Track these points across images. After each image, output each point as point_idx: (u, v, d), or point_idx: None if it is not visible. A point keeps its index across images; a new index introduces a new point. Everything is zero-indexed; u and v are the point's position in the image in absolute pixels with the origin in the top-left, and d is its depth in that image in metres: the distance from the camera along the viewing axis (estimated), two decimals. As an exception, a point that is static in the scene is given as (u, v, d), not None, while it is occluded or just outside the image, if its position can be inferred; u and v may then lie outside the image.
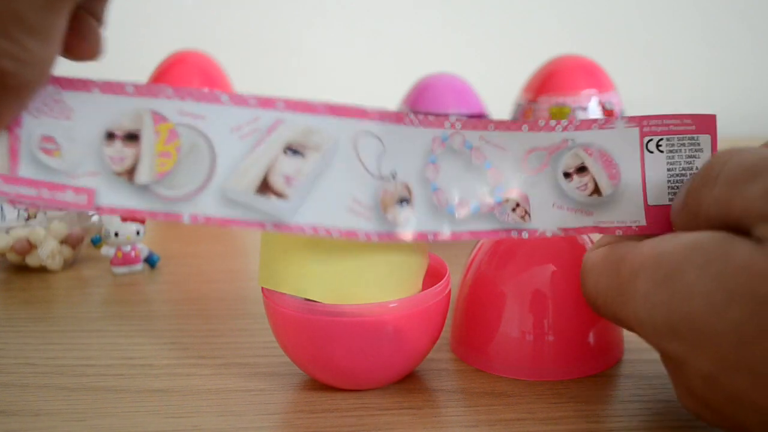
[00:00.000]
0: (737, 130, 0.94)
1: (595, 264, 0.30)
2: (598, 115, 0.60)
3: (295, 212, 0.29)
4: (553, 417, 0.30)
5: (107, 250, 0.49)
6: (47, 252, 0.48)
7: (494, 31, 0.96)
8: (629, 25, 0.96)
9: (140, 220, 0.49)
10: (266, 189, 0.29)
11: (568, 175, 0.31)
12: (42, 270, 0.50)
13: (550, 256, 0.33)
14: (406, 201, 0.31)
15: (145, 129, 0.29)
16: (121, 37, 0.88)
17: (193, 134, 0.29)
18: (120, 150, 0.29)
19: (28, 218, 0.51)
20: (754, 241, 0.24)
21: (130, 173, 0.29)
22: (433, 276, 0.34)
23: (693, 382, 0.26)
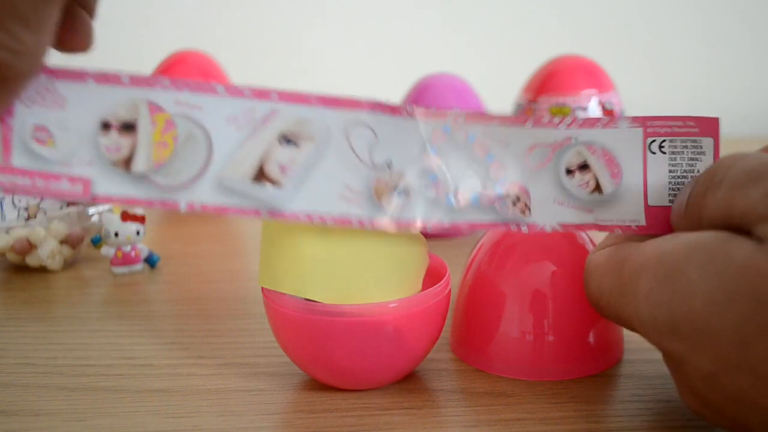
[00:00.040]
0: (737, 130, 0.94)
1: (598, 265, 0.30)
2: (598, 115, 0.60)
3: (289, 200, 0.30)
4: (553, 417, 0.30)
5: (107, 250, 0.49)
6: (47, 252, 0.48)
7: (494, 31, 0.96)
8: (629, 25, 0.96)
9: (140, 219, 0.49)
10: (262, 177, 0.29)
11: (570, 171, 0.31)
12: (42, 270, 0.50)
13: (550, 256, 0.33)
14: (403, 190, 0.31)
15: (142, 119, 0.29)
16: (121, 37, 0.88)
17: (189, 124, 0.29)
18: (116, 140, 0.29)
19: (28, 218, 0.51)
20: (755, 240, 0.24)
21: (127, 163, 0.29)
22: (433, 276, 0.34)
23: (694, 381, 0.26)
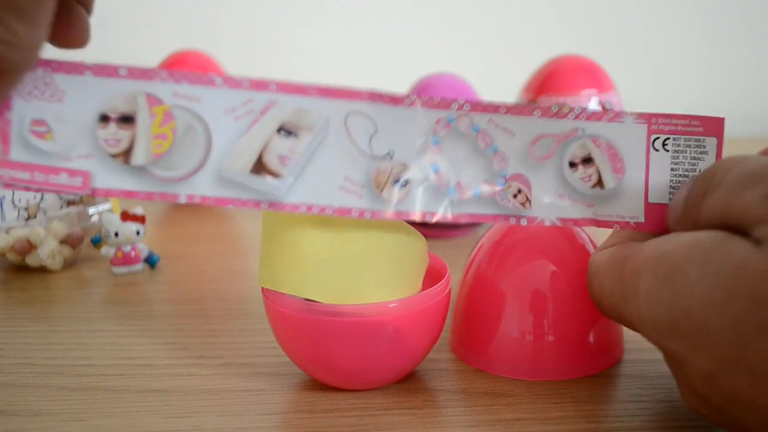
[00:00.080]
0: (737, 130, 0.94)
1: (600, 265, 0.30)
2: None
3: (289, 191, 0.30)
4: (553, 417, 0.30)
5: (107, 250, 0.49)
6: (47, 252, 0.48)
7: (494, 31, 0.96)
8: (629, 25, 0.96)
9: (140, 219, 0.49)
10: (261, 169, 0.29)
11: (573, 164, 0.31)
12: (42, 270, 0.50)
13: (550, 256, 0.33)
14: (404, 181, 0.31)
15: (141, 111, 0.29)
16: (121, 37, 0.88)
17: (188, 116, 0.29)
18: (115, 132, 0.29)
19: (28, 218, 0.51)
20: (753, 241, 0.24)
21: (126, 155, 0.29)
22: (433, 276, 0.34)
23: (694, 381, 0.26)
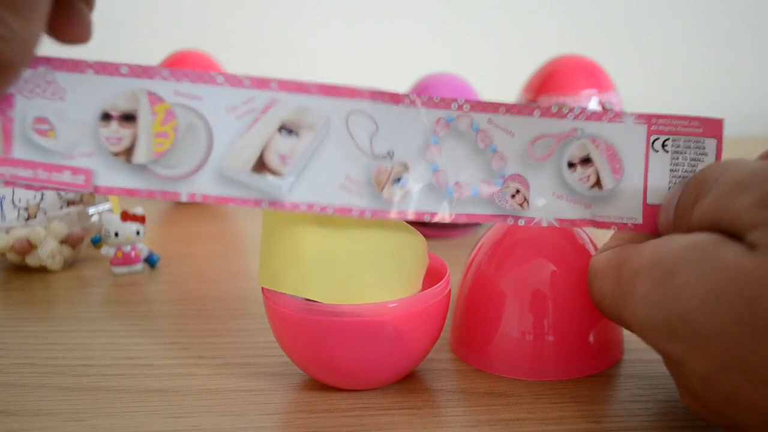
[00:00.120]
0: (737, 130, 0.94)
1: (600, 268, 0.30)
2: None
3: (290, 190, 0.30)
4: (553, 417, 0.30)
5: (107, 250, 0.49)
6: (47, 252, 0.48)
7: (494, 31, 0.96)
8: (629, 25, 0.96)
9: (140, 219, 0.49)
10: (262, 167, 0.29)
11: (572, 165, 0.31)
12: (42, 270, 0.50)
13: (551, 256, 0.33)
14: (404, 180, 0.31)
15: (142, 109, 0.29)
16: (121, 37, 0.88)
17: (189, 114, 0.29)
18: (116, 130, 0.29)
19: (28, 218, 0.51)
20: (746, 245, 0.24)
21: (127, 153, 0.29)
22: (433, 276, 0.34)
23: (692, 383, 0.26)
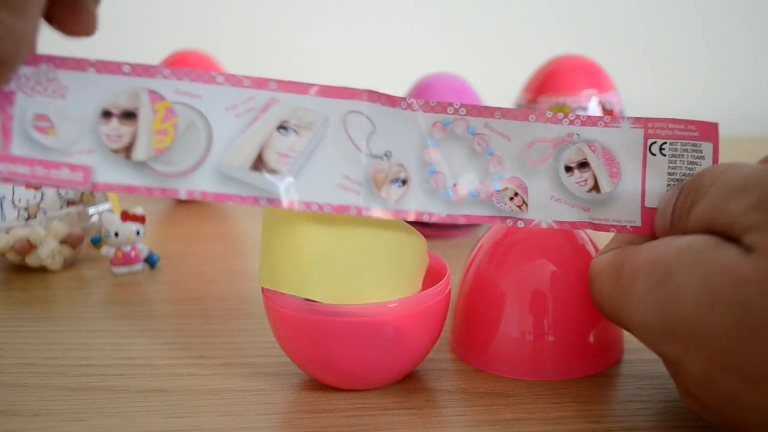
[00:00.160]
0: (737, 130, 0.94)
1: (600, 269, 0.30)
2: (600, 114, 0.60)
3: (288, 188, 0.30)
4: (553, 417, 0.30)
5: (107, 250, 0.49)
6: (47, 252, 0.48)
7: (494, 31, 0.96)
8: (629, 25, 0.96)
9: (140, 219, 0.49)
10: (261, 165, 0.30)
11: (569, 169, 0.31)
12: (42, 270, 0.50)
13: (550, 256, 0.33)
14: (402, 181, 0.31)
15: (143, 107, 0.29)
16: (121, 37, 0.88)
17: (190, 112, 0.29)
18: (116, 128, 0.29)
19: (28, 218, 0.51)
20: (743, 248, 0.24)
21: (127, 150, 0.29)
22: (433, 276, 0.34)
23: (690, 384, 0.26)
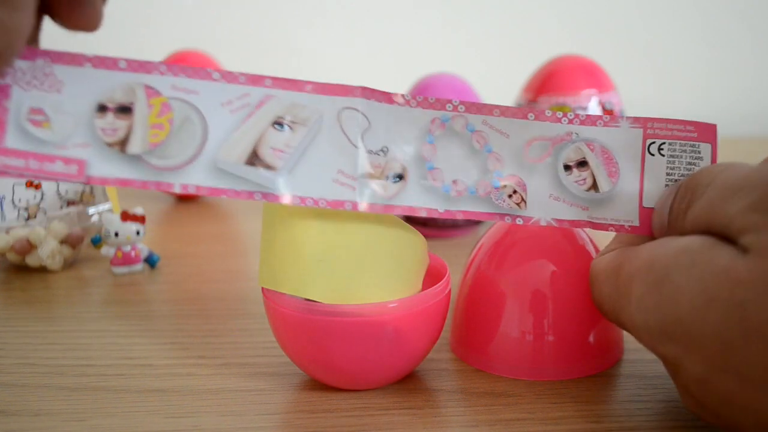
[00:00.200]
0: (737, 130, 0.94)
1: (600, 270, 0.30)
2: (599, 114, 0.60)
3: (283, 183, 0.30)
4: (553, 417, 0.30)
5: (107, 250, 0.49)
6: (47, 252, 0.48)
7: (494, 31, 0.96)
8: (629, 25, 0.96)
9: (140, 219, 0.49)
10: (255, 160, 0.30)
11: (568, 167, 0.31)
12: (42, 270, 0.50)
13: (550, 256, 0.33)
14: (398, 176, 0.31)
15: (138, 102, 0.29)
16: (121, 37, 0.88)
17: (185, 108, 0.29)
18: (112, 122, 0.29)
19: (28, 218, 0.51)
20: (739, 249, 0.24)
21: (122, 144, 0.29)
22: (433, 276, 0.34)
23: (689, 385, 0.26)
